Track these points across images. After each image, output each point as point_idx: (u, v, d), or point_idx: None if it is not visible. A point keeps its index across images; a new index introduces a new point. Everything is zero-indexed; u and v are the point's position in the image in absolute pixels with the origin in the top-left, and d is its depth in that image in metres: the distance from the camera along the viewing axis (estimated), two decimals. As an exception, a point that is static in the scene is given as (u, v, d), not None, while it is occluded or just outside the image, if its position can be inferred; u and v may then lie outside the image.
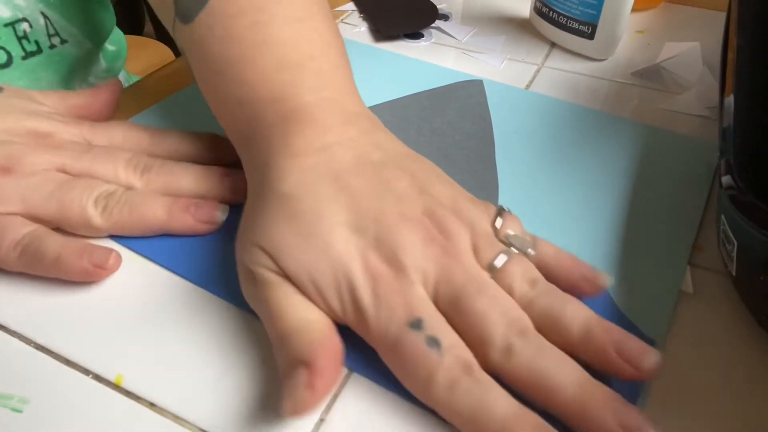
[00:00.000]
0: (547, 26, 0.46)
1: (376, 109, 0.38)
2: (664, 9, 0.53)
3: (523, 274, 0.24)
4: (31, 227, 0.27)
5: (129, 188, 0.29)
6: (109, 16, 0.49)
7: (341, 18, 0.50)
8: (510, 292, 0.23)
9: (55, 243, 0.26)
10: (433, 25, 0.49)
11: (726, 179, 0.25)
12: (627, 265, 0.28)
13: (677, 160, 0.34)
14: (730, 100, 0.29)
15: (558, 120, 0.38)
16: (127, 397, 0.23)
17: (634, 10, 0.43)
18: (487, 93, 0.40)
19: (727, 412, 0.23)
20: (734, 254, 0.25)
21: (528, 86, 0.42)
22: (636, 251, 0.29)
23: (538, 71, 0.43)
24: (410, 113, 0.38)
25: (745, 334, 0.26)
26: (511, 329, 0.22)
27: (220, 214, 0.29)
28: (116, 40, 0.51)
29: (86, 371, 0.23)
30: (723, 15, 0.36)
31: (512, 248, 0.25)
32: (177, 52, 0.81)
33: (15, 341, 0.24)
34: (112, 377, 0.23)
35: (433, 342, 0.21)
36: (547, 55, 0.45)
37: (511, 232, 0.25)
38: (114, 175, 0.29)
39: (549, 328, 0.22)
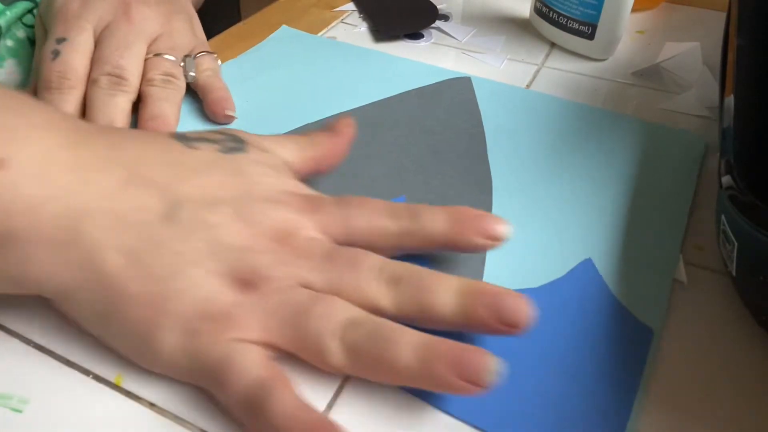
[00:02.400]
0: (547, 26, 0.46)
1: (364, 109, 0.38)
2: (664, 9, 0.53)
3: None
4: (261, 372, 0.21)
5: (375, 310, 0.23)
6: None
7: (341, 18, 0.50)
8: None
9: (282, 407, 0.20)
10: (433, 25, 0.49)
11: (726, 179, 0.25)
12: (622, 257, 0.28)
13: (665, 153, 0.35)
14: (730, 100, 0.29)
15: (553, 118, 0.38)
16: (127, 397, 0.23)
17: (634, 10, 0.43)
18: (486, 92, 0.40)
19: (726, 411, 0.23)
20: (734, 254, 0.25)
21: (528, 86, 0.42)
22: (630, 243, 0.29)
23: (538, 71, 0.43)
24: (399, 112, 0.38)
25: (745, 333, 0.26)
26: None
27: (490, 372, 0.21)
28: None
29: (86, 371, 0.23)
30: (723, 15, 0.36)
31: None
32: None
33: (15, 341, 0.24)
34: (112, 377, 0.23)
35: None
36: (547, 56, 0.45)
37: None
38: (359, 292, 0.23)
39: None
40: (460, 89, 0.40)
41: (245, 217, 0.24)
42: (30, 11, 0.40)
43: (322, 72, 0.42)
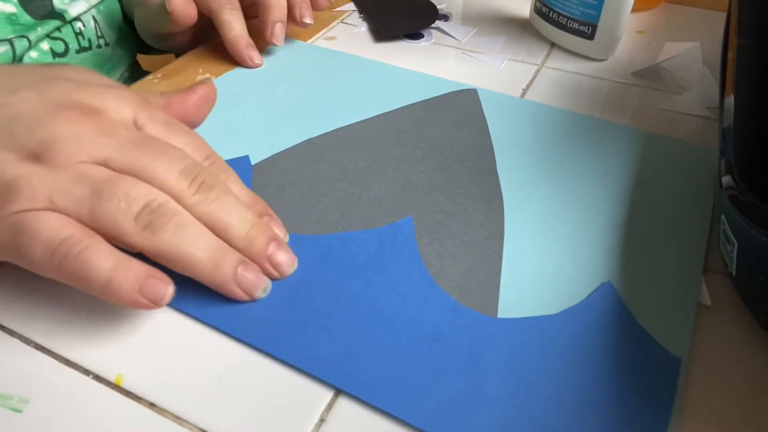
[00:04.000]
0: (547, 26, 0.46)
1: (369, 122, 0.37)
2: (664, 9, 0.53)
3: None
4: (69, 230, 0.22)
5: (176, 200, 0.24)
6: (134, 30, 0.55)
7: (341, 18, 0.50)
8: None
9: (103, 261, 0.22)
10: (433, 25, 0.49)
11: (726, 179, 0.25)
12: (642, 280, 0.27)
13: (681, 168, 0.34)
14: (730, 100, 0.29)
15: (556, 129, 0.37)
16: (127, 397, 0.23)
17: (634, 10, 0.43)
18: (489, 104, 0.39)
19: (728, 412, 0.23)
20: (734, 254, 0.25)
21: (528, 86, 0.42)
22: (649, 264, 0.28)
23: (538, 71, 0.43)
24: (405, 126, 0.37)
25: (746, 334, 0.26)
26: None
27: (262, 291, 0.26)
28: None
29: (86, 371, 0.23)
30: (723, 15, 0.36)
31: None
32: (177, 53, 0.81)
33: (15, 341, 0.24)
34: (112, 377, 0.23)
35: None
36: (547, 56, 0.45)
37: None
38: (163, 181, 0.24)
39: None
40: (466, 102, 0.39)
41: (46, 93, 0.24)
42: (58, 28, 0.44)
43: (322, 84, 0.41)
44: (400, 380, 0.23)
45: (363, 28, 0.48)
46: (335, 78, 0.41)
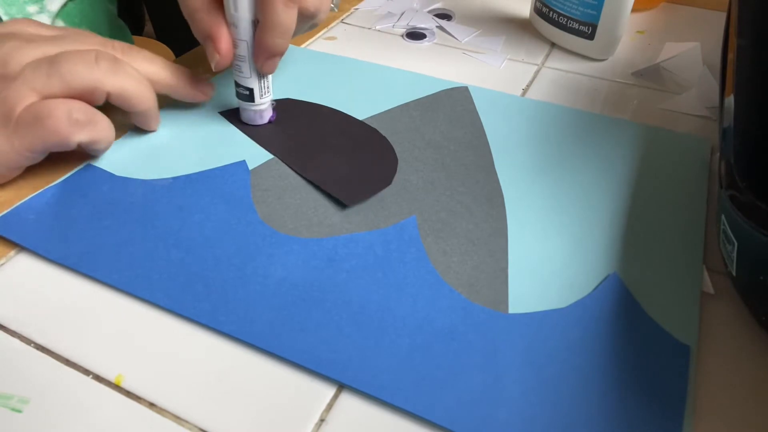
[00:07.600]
0: (547, 26, 0.46)
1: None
2: (664, 9, 0.53)
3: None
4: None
5: None
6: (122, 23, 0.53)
7: (341, 18, 0.50)
8: None
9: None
10: (436, 24, 0.49)
11: (726, 179, 0.25)
12: (645, 270, 0.28)
13: (672, 158, 0.35)
14: (730, 100, 0.29)
15: (555, 125, 0.37)
16: (127, 397, 0.23)
17: (634, 10, 0.43)
18: (482, 101, 0.39)
19: (730, 411, 0.23)
20: (734, 254, 0.25)
21: (528, 86, 0.42)
22: (650, 253, 0.28)
23: (538, 71, 0.43)
24: (400, 125, 0.37)
25: (747, 334, 0.26)
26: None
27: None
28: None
29: (86, 371, 0.23)
30: (723, 15, 0.36)
31: None
32: (177, 52, 0.81)
33: (15, 341, 0.24)
34: (112, 377, 0.23)
35: None
36: (547, 56, 0.45)
37: None
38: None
39: None
40: (458, 99, 0.39)
41: None
42: None
43: (314, 87, 0.40)
44: (419, 379, 0.23)
45: (362, 28, 0.48)
46: (327, 81, 0.41)
